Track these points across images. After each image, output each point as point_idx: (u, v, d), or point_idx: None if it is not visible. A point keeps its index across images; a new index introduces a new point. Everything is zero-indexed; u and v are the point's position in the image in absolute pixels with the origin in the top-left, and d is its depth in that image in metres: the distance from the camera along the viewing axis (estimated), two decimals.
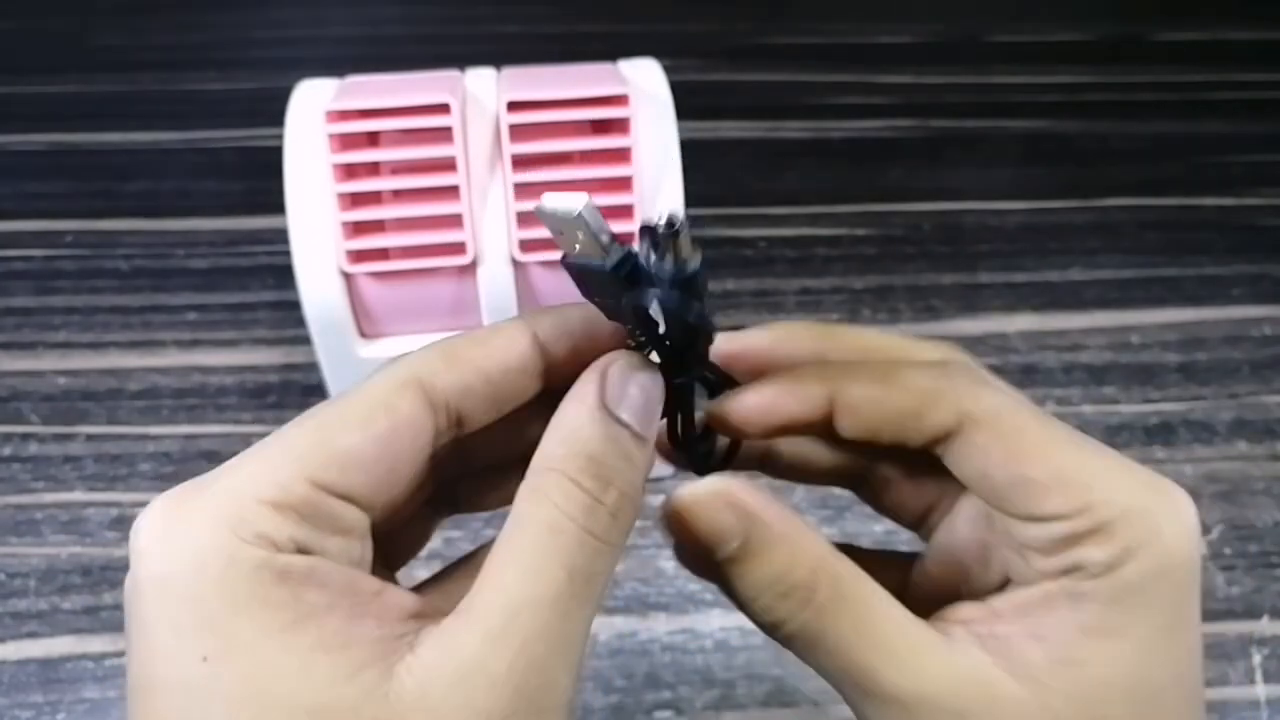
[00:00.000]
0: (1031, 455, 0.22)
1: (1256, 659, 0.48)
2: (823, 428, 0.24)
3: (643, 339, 0.23)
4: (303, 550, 0.19)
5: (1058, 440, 0.22)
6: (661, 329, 0.23)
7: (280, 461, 0.20)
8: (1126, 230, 0.72)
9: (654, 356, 0.23)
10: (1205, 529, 0.53)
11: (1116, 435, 0.58)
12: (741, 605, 0.23)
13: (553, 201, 0.20)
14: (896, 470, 0.26)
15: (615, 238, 0.21)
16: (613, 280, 0.21)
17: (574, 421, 0.21)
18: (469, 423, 0.23)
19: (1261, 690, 0.47)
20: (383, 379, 0.22)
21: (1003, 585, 0.23)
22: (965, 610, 0.22)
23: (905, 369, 0.23)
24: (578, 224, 0.20)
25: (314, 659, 0.18)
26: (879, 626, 0.22)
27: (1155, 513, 0.21)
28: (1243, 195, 0.75)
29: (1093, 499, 0.21)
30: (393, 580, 0.23)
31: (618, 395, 0.21)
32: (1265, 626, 0.49)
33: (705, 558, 0.23)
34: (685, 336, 0.23)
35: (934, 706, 0.21)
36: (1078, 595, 0.21)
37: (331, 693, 0.18)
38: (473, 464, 0.25)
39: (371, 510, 0.21)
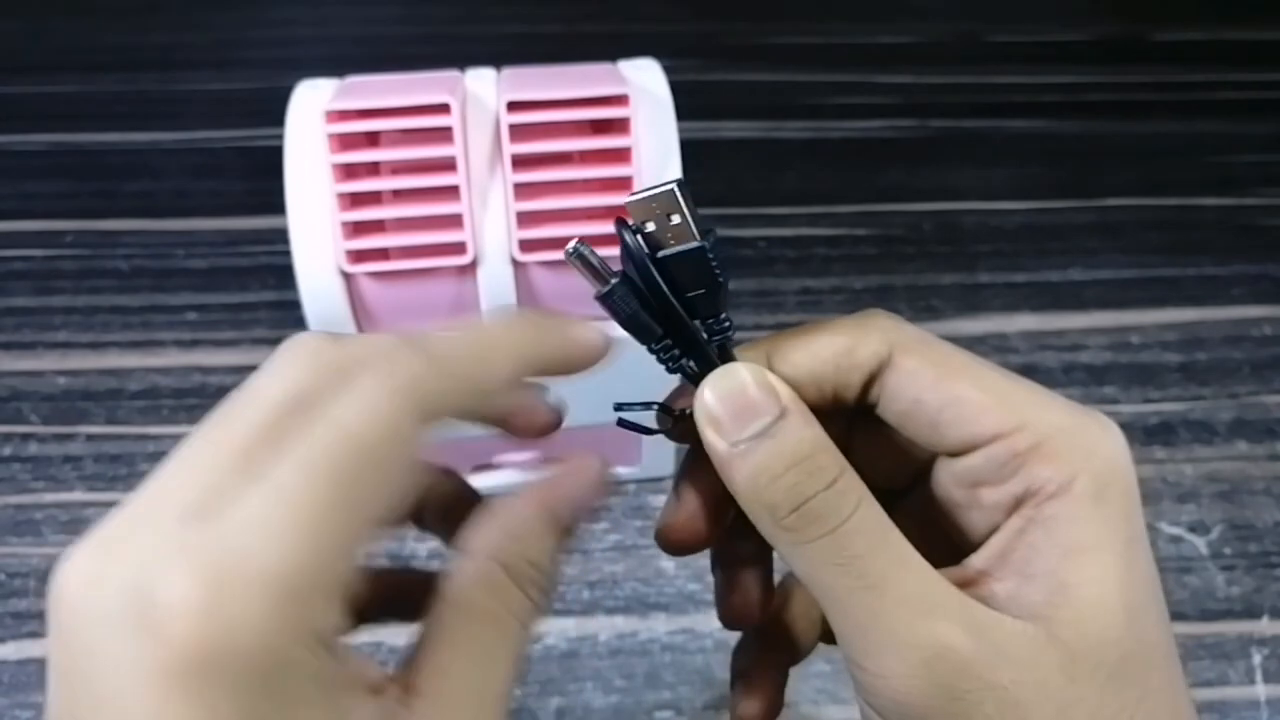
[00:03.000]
0: (961, 375, 0.23)
1: (1256, 659, 0.48)
2: None
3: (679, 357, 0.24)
4: (337, 629, 0.18)
5: (983, 366, 0.23)
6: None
7: (322, 533, 0.17)
8: (1126, 230, 0.72)
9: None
10: (1205, 529, 0.53)
11: None
12: (748, 491, 0.22)
13: (644, 191, 0.22)
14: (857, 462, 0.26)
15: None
16: (698, 265, 0.22)
17: (531, 530, 0.22)
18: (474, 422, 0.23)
19: (1261, 690, 0.47)
20: (389, 410, 0.19)
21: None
22: (952, 575, 0.23)
23: (831, 321, 0.24)
24: (673, 204, 0.22)
25: None
26: (897, 536, 0.22)
27: (1087, 428, 0.22)
28: (1243, 195, 0.75)
29: (1026, 417, 0.22)
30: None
31: (571, 510, 0.23)
32: (1265, 626, 0.49)
33: (723, 438, 0.22)
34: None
35: (952, 618, 0.21)
36: (1044, 520, 0.22)
37: None
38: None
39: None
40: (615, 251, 0.23)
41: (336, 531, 0.18)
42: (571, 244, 0.23)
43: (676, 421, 0.24)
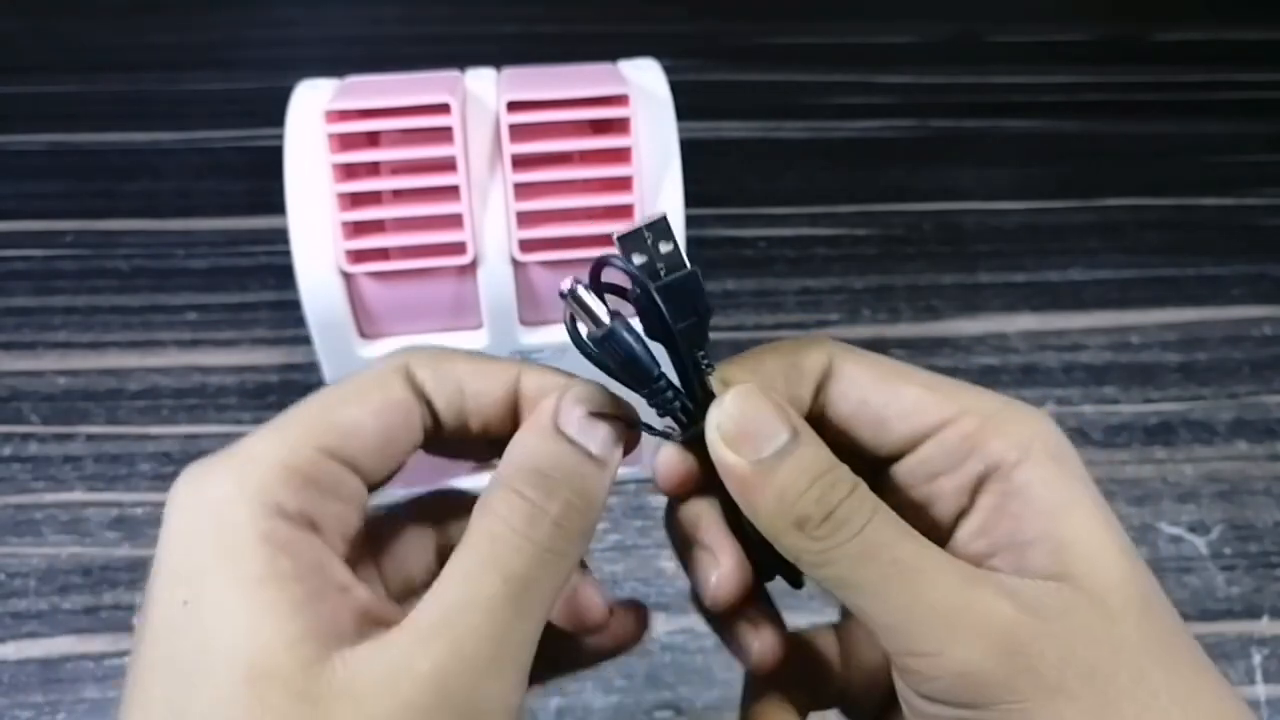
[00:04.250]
0: (899, 375, 0.24)
1: (1256, 659, 0.48)
2: None
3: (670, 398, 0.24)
4: (304, 513, 0.21)
5: (916, 369, 0.25)
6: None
7: (291, 431, 0.22)
8: (1126, 230, 0.72)
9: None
10: (1205, 529, 0.53)
11: (1116, 435, 0.58)
12: (776, 508, 0.22)
13: (634, 224, 0.22)
14: None
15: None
16: (692, 292, 0.22)
17: (524, 440, 0.23)
18: (443, 424, 0.24)
19: (1261, 690, 0.47)
20: (377, 364, 0.24)
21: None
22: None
23: (772, 344, 0.25)
24: (666, 231, 0.22)
25: (263, 619, 0.20)
26: (912, 530, 0.22)
27: (1020, 407, 0.24)
28: (1243, 195, 0.75)
29: (965, 404, 0.24)
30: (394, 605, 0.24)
31: (569, 417, 0.23)
32: (1265, 626, 0.49)
33: (744, 457, 0.22)
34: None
35: (990, 586, 0.21)
36: (1018, 489, 0.23)
37: (269, 655, 0.19)
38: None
39: (370, 480, 0.23)
40: (614, 252, 0.23)
41: (305, 430, 0.22)
42: (568, 283, 0.22)
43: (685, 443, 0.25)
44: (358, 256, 0.42)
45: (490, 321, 0.45)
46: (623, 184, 0.42)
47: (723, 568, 0.24)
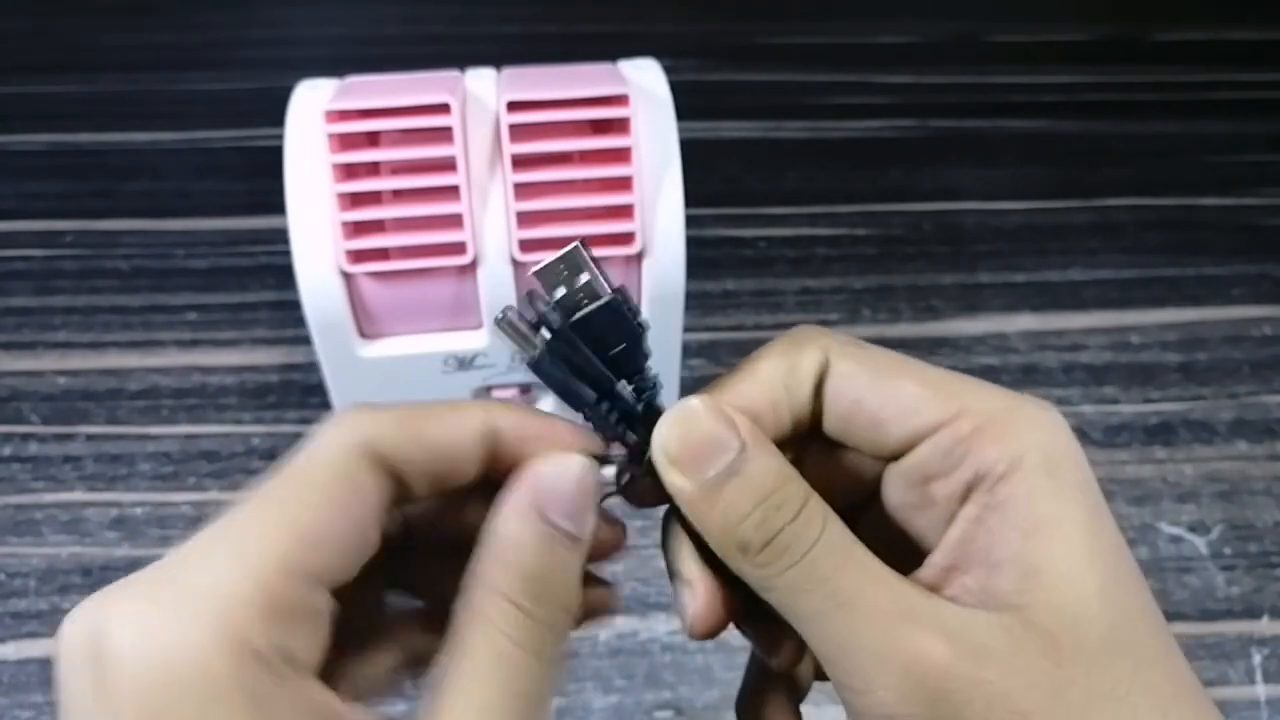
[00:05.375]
0: (896, 371, 0.23)
1: (1256, 659, 0.48)
2: None
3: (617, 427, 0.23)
4: (282, 651, 0.19)
5: (915, 362, 0.23)
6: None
7: (251, 552, 0.19)
8: (1126, 230, 0.72)
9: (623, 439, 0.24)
10: (1205, 529, 0.53)
11: (1116, 435, 0.58)
12: (721, 531, 0.22)
13: (548, 259, 0.22)
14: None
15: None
16: (615, 319, 0.22)
17: (509, 535, 0.21)
18: (412, 493, 0.23)
19: (1261, 690, 0.47)
20: (332, 443, 0.21)
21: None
22: (920, 577, 0.22)
23: (764, 350, 0.24)
24: (579, 262, 0.22)
25: None
26: (862, 553, 0.22)
27: (1025, 408, 0.22)
28: (1243, 195, 0.75)
29: (965, 403, 0.22)
30: (358, 678, 0.24)
31: (550, 498, 0.22)
32: (1265, 626, 0.49)
33: (689, 479, 0.22)
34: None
35: (924, 626, 0.20)
36: (1000, 504, 0.21)
37: None
38: (424, 550, 0.25)
39: (336, 586, 0.21)
40: (613, 252, 0.23)
41: (270, 551, 0.19)
42: (501, 311, 0.22)
43: (628, 484, 0.24)
44: (358, 256, 0.42)
45: (490, 321, 0.45)
46: (623, 184, 0.42)
47: (697, 601, 0.23)
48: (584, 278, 0.22)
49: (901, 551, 0.24)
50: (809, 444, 0.25)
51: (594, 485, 0.22)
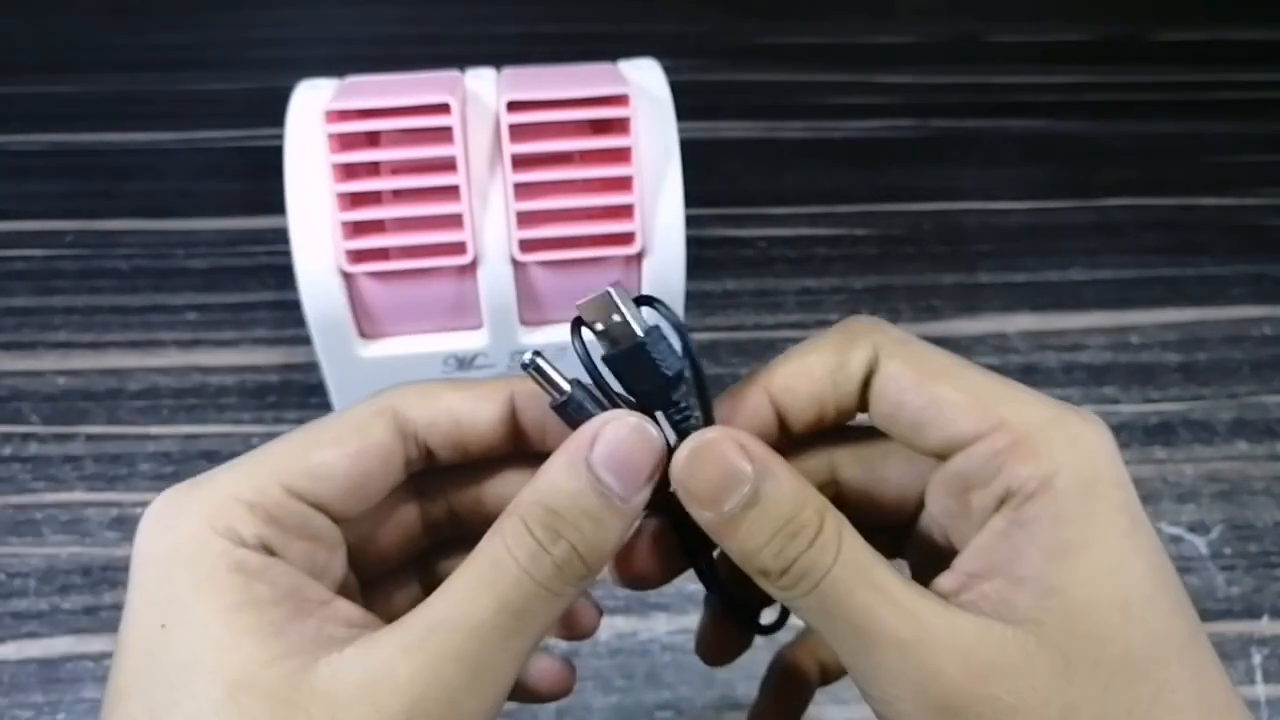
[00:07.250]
0: (940, 375, 0.23)
1: (1256, 659, 0.48)
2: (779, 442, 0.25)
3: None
4: (268, 547, 0.22)
5: (963, 366, 0.23)
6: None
7: (260, 468, 0.23)
8: (1126, 230, 0.72)
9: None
10: (1205, 529, 0.53)
11: (1116, 435, 0.57)
12: (742, 558, 0.22)
13: (590, 294, 0.23)
14: (859, 484, 0.26)
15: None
16: (643, 362, 0.23)
17: (549, 471, 0.22)
18: (437, 458, 0.25)
19: (1261, 690, 0.47)
20: (362, 405, 0.24)
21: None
22: (943, 582, 0.23)
23: (816, 339, 0.25)
24: (610, 305, 0.23)
25: (246, 640, 0.20)
26: (880, 572, 0.22)
27: (1067, 422, 0.22)
28: (1243, 195, 0.75)
29: (1004, 415, 0.22)
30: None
31: (601, 449, 0.22)
32: (1265, 626, 0.49)
33: (709, 510, 0.22)
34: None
35: (935, 646, 0.21)
36: (1027, 522, 0.21)
37: (253, 670, 0.20)
38: (462, 524, 0.27)
39: (343, 521, 0.23)
40: (613, 252, 0.23)
41: (275, 469, 0.22)
42: (528, 355, 0.23)
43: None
44: (358, 256, 0.42)
45: (490, 321, 0.45)
46: (623, 184, 0.42)
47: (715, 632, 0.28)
48: (616, 318, 0.23)
49: (944, 554, 0.24)
50: (851, 459, 0.26)
51: (652, 454, 0.23)
